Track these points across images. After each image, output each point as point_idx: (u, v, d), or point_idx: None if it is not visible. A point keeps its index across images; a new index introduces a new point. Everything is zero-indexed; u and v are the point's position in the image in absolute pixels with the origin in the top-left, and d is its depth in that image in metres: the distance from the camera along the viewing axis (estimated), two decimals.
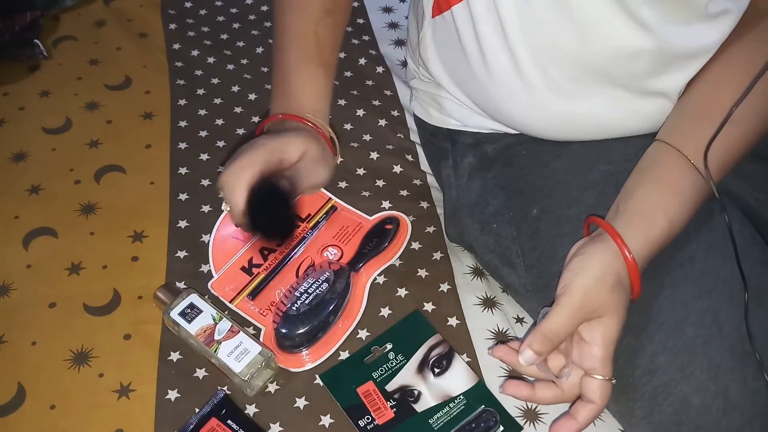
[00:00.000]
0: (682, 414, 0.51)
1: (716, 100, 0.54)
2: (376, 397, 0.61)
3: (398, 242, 0.72)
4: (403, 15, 1.04)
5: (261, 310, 0.67)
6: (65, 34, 0.96)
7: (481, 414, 0.60)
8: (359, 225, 0.73)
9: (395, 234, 0.72)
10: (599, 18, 0.54)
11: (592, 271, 0.51)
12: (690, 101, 0.57)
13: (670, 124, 0.57)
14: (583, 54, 0.56)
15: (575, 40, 0.56)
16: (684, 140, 0.54)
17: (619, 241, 0.51)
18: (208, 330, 0.63)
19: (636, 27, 0.54)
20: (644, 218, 0.52)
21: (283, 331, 0.64)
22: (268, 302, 0.67)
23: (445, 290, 0.70)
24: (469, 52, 0.62)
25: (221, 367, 0.62)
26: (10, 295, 0.68)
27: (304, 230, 0.73)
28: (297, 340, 0.63)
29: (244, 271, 0.70)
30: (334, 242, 0.72)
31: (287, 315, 0.64)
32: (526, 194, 0.65)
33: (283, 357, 0.64)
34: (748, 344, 0.51)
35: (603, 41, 0.55)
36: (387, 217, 0.74)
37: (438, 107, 0.75)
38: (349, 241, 0.72)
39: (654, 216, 0.52)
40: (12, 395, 0.61)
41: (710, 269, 0.54)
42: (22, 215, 0.74)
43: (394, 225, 0.73)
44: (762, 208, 0.62)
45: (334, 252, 0.71)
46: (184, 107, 0.87)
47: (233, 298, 0.68)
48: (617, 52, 0.56)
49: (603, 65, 0.57)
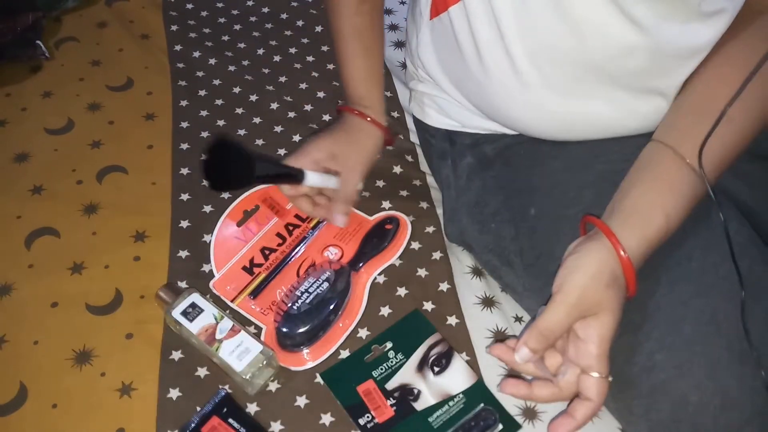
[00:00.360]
0: (680, 411, 0.52)
1: (711, 99, 0.54)
2: (376, 396, 0.61)
3: (398, 242, 0.72)
4: (402, 17, 1.04)
5: (262, 309, 0.67)
6: (67, 35, 0.96)
7: (480, 412, 0.60)
8: (359, 225, 0.74)
9: (395, 234, 0.73)
10: (594, 16, 0.54)
11: (587, 268, 0.51)
12: (685, 100, 0.57)
13: (666, 124, 0.58)
14: (579, 53, 0.57)
15: (571, 39, 0.56)
16: (680, 139, 0.55)
17: (613, 239, 0.51)
18: (209, 329, 0.63)
19: (631, 25, 0.54)
20: (640, 216, 0.53)
21: (284, 330, 0.64)
22: (269, 301, 0.68)
23: (444, 289, 0.70)
24: (466, 53, 0.63)
25: (222, 366, 0.62)
26: (12, 295, 0.68)
27: (304, 230, 0.73)
28: (298, 339, 0.64)
29: (245, 271, 0.70)
30: (334, 242, 0.72)
31: (288, 314, 0.65)
32: (525, 194, 0.65)
33: (284, 356, 0.64)
34: (746, 342, 0.51)
35: (598, 40, 0.56)
36: (387, 217, 0.74)
37: (437, 108, 0.75)
38: (350, 240, 0.72)
39: (650, 214, 0.53)
40: (14, 394, 0.61)
41: (708, 267, 0.55)
42: (24, 215, 0.75)
43: (394, 225, 0.73)
44: (760, 208, 0.62)
45: (334, 251, 0.71)
46: (185, 108, 0.87)
47: (235, 297, 0.68)
48: (612, 50, 0.56)
49: (599, 64, 0.57)
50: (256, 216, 0.74)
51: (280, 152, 0.82)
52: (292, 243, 0.72)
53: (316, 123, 0.87)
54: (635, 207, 0.53)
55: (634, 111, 0.60)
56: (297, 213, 0.75)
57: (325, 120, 0.87)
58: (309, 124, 0.86)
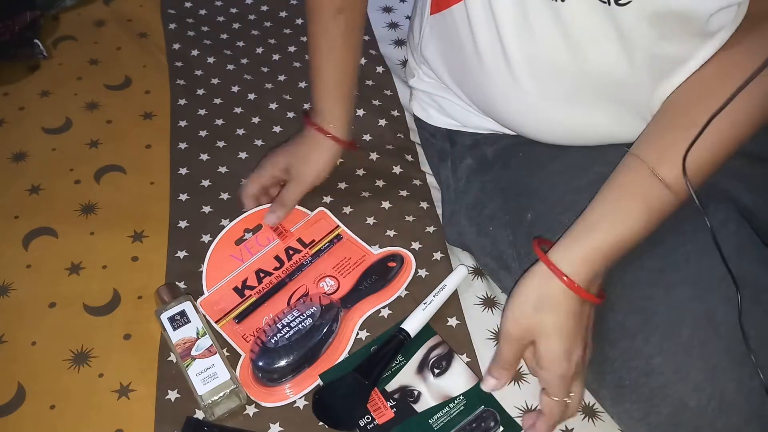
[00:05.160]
0: (678, 415, 0.52)
1: (684, 108, 0.54)
2: (376, 397, 0.61)
3: (398, 283, 0.69)
4: (403, 15, 1.04)
5: (245, 335, 0.65)
6: (65, 34, 0.96)
7: (480, 414, 0.60)
8: (362, 258, 0.71)
9: (397, 273, 0.70)
10: (592, 34, 0.54)
11: (514, 298, 0.55)
12: (659, 111, 0.57)
13: (641, 135, 0.57)
14: (578, 66, 0.56)
15: (569, 53, 0.55)
16: (648, 150, 0.55)
17: (545, 259, 0.54)
18: (188, 343, 0.61)
19: (629, 45, 0.53)
20: (592, 230, 0.53)
21: (260, 363, 0.62)
22: (254, 327, 0.66)
23: None
24: (466, 52, 0.62)
25: (189, 383, 0.60)
26: (10, 295, 0.68)
27: (304, 256, 0.71)
28: (273, 375, 0.62)
29: (236, 292, 0.68)
30: (332, 273, 0.70)
31: (265, 347, 0.62)
32: (523, 197, 0.65)
33: (257, 389, 0.62)
34: (744, 344, 0.51)
35: (596, 56, 0.55)
36: (392, 254, 0.72)
37: (437, 107, 0.75)
38: (349, 273, 0.70)
39: (603, 227, 0.53)
40: (12, 395, 0.61)
41: (705, 270, 0.54)
42: (22, 215, 0.74)
43: (397, 263, 0.70)
44: (759, 210, 0.62)
45: (330, 284, 0.69)
46: (184, 107, 0.87)
47: (219, 318, 0.67)
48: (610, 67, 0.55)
49: (597, 79, 0.57)
50: (257, 236, 0.73)
51: None
52: (289, 269, 0.70)
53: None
54: (589, 221, 0.54)
55: (632, 122, 0.60)
56: (300, 237, 0.73)
57: None
58: None
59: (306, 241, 0.73)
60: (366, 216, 0.75)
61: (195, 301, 0.65)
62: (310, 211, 0.76)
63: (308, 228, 0.74)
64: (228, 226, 0.73)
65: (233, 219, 0.74)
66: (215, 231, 0.74)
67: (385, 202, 0.76)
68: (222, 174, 0.80)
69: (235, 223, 0.74)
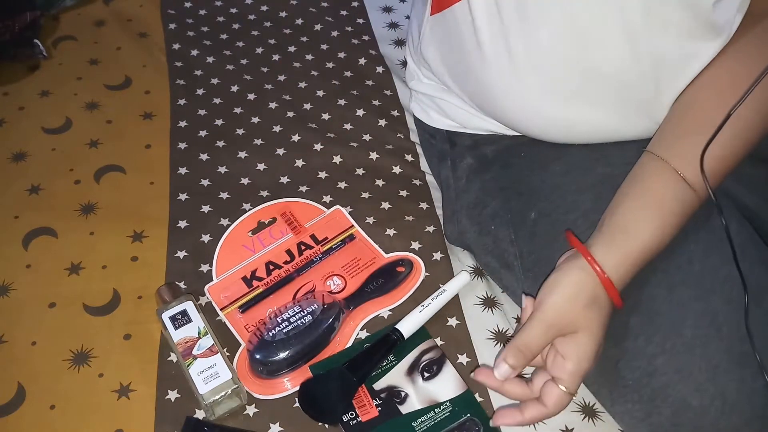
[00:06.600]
0: (680, 415, 0.51)
1: (702, 107, 0.54)
2: (362, 394, 0.60)
3: (405, 288, 0.69)
4: (403, 15, 1.04)
5: (247, 325, 0.66)
6: (65, 34, 0.96)
7: (465, 423, 0.59)
8: (372, 260, 0.71)
9: (405, 278, 0.69)
10: (599, 28, 0.54)
11: (564, 289, 0.52)
12: (675, 110, 0.57)
13: (659, 134, 0.57)
14: (582, 61, 0.56)
15: (573, 49, 0.55)
16: (670, 150, 0.54)
17: (589, 258, 0.52)
18: (189, 342, 0.62)
19: (636, 39, 0.53)
20: (625, 235, 0.53)
21: (257, 356, 0.62)
22: (256, 319, 0.66)
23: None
24: (468, 50, 0.62)
25: (190, 382, 0.60)
26: (10, 295, 0.68)
27: (315, 253, 0.71)
28: (268, 368, 0.62)
29: (243, 281, 0.69)
30: (340, 272, 0.70)
31: (263, 339, 0.63)
32: (524, 196, 0.65)
33: (252, 381, 0.62)
34: (746, 345, 0.51)
35: (601, 51, 0.55)
36: (402, 258, 0.71)
37: (437, 109, 0.75)
38: (357, 274, 0.70)
39: (636, 232, 0.53)
40: (12, 395, 0.61)
41: (709, 270, 0.54)
42: (21, 215, 0.74)
43: (407, 268, 0.70)
44: (761, 212, 0.62)
45: (337, 282, 0.69)
46: (183, 107, 0.87)
47: (225, 306, 0.67)
48: (615, 62, 0.55)
49: (601, 75, 0.57)
50: (270, 228, 0.73)
51: (279, 152, 0.82)
52: (299, 264, 0.70)
53: (315, 122, 0.86)
54: (621, 224, 0.53)
55: (636, 119, 0.60)
56: (314, 233, 0.73)
57: (324, 119, 0.87)
58: (308, 123, 0.86)
59: (319, 237, 0.73)
60: (366, 216, 0.75)
61: (196, 301, 0.65)
62: (326, 209, 0.76)
63: (322, 225, 0.74)
64: (244, 216, 0.74)
65: (233, 219, 0.74)
66: (215, 231, 0.74)
67: (385, 202, 0.76)
68: (222, 174, 0.80)
69: (251, 214, 0.74)
